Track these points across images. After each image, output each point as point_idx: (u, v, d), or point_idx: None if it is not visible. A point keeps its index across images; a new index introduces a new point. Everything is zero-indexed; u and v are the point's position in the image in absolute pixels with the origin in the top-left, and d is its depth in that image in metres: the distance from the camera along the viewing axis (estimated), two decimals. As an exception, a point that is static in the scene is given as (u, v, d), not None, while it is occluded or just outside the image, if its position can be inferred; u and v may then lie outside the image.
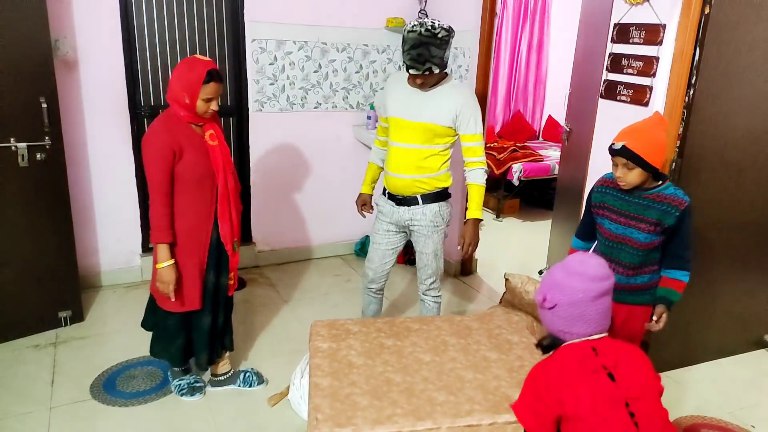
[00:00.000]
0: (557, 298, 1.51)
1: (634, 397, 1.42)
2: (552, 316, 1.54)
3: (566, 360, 1.50)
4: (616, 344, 1.55)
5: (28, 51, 2.86)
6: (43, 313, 3.20)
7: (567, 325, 1.52)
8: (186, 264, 2.42)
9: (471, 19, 3.80)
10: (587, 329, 1.51)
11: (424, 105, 2.56)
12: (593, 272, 1.51)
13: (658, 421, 1.44)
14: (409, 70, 2.46)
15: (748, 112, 2.80)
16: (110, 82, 3.54)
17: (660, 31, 2.59)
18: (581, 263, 1.54)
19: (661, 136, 2.04)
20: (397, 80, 2.71)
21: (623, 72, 2.79)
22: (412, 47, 2.40)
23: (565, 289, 1.51)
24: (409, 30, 2.44)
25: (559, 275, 1.55)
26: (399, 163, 2.62)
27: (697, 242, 2.88)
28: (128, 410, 2.62)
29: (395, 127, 2.63)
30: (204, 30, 3.78)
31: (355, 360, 2.21)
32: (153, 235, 2.34)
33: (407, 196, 2.65)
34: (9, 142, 2.89)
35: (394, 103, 2.64)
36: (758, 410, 2.81)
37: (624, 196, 2.14)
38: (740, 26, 2.61)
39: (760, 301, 3.26)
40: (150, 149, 2.28)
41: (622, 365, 1.46)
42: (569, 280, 1.51)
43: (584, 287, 1.49)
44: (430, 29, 2.41)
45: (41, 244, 3.09)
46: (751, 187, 2.94)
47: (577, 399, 1.42)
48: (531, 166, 5.57)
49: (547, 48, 6.67)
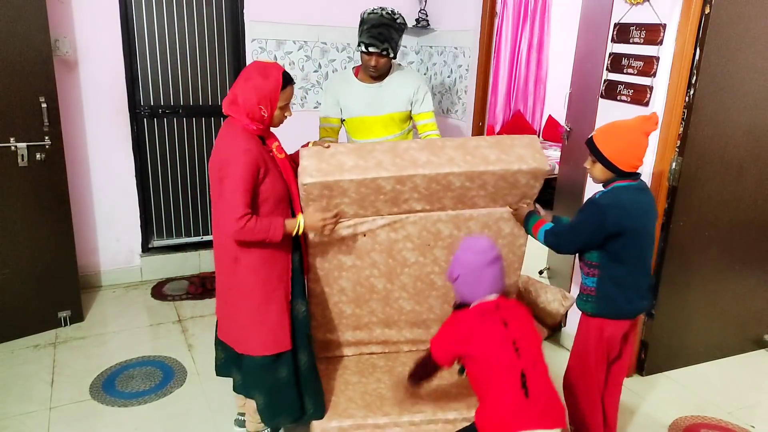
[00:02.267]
0: (458, 270, 1.93)
1: (518, 336, 1.83)
2: (458, 285, 1.94)
3: (474, 312, 1.91)
4: (512, 303, 1.97)
5: (28, 51, 2.86)
6: (43, 313, 3.20)
7: (470, 289, 1.91)
8: (271, 298, 2.10)
9: (471, 19, 3.80)
10: (485, 290, 1.90)
11: (382, 97, 2.64)
12: (479, 247, 1.93)
13: (535, 351, 1.86)
14: (368, 48, 2.51)
15: (748, 112, 2.80)
16: (110, 82, 3.54)
17: (660, 31, 2.59)
18: (471, 242, 1.97)
19: (632, 137, 1.95)
20: (341, 82, 2.73)
21: (623, 72, 2.78)
22: (373, 26, 2.49)
23: (462, 262, 1.93)
24: (369, 12, 2.55)
25: (458, 254, 1.97)
26: None
27: (697, 241, 2.89)
28: (127, 410, 2.62)
29: (359, 126, 2.68)
30: (204, 30, 3.78)
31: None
32: (272, 236, 1.99)
33: None
34: (9, 142, 2.89)
35: (351, 103, 2.67)
36: (758, 410, 2.80)
37: None
38: (740, 26, 2.61)
39: (760, 300, 3.25)
40: (239, 163, 1.93)
41: (513, 317, 1.88)
42: (464, 255, 1.94)
43: (475, 258, 1.90)
44: (390, 14, 2.55)
45: (41, 244, 3.09)
46: (751, 186, 2.94)
47: (477, 337, 1.85)
48: (531, 166, 5.56)
49: (547, 48, 6.67)
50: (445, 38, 4.12)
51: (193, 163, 3.94)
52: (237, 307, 2.11)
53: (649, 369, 3.00)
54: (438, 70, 4.24)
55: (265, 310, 2.09)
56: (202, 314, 3.50)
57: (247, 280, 2.07)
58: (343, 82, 2.73)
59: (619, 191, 2.00)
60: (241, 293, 2.09)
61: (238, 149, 1.96)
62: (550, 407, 1.81)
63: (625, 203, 1.98)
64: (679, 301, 2.95)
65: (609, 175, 2.01)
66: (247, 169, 1.94)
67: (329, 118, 2.79)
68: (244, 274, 2.07)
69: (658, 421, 2.68)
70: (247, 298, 2.09)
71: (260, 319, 2.10)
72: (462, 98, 4.00)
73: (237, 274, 2.08)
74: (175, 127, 3.85)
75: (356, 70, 2.75)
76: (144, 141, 3.78)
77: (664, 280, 2.86)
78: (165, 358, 3.02)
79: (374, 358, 2.61)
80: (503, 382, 1.80)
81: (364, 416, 2.22)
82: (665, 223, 2.80)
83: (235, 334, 2.15)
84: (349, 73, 2.72)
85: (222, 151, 2.00)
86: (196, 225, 4.07)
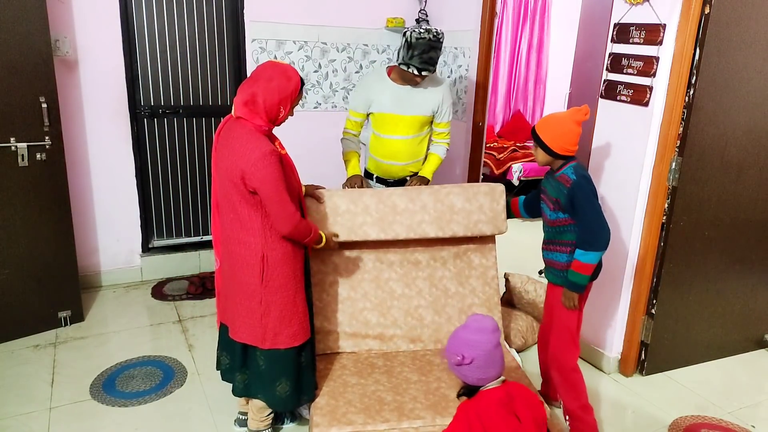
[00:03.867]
0: (474, 353, 1.83)
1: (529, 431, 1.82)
2: (471, 369, 1.84)
3: (491, 401, 1.83)
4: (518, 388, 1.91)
5: (28, 51, 2.86)
6: (43, 313, 3.20)
7: (484, 372, 1.84)
8: (299, 289, 2.21)
9: (471, 19, 3.80)
10: (497, 372, 1.86)
11: (413, 100, 2.88)
12: (490, 326, 1.86)
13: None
14: (421, 72, 2.73)
15: (748, 112, 2.80)
16: (110, 82, 3.54)
17: (660, 31, 2.59)
18: (479, 322, 1.88)
19: (567, 125, 2.24)
20: (377, 80, 2.95)
21: (623, 72, 2.79)
22: (423, 51, 2.69)
23: (477, 344, 1.84)
24: (417, 37, 2.69)
25: (467, 336, 1.86)
26: (395, 152, 2.96)
27: (697, 241, 2.89)
28: (128, 410, 2.62)
29: (385, 122, 2.92)
30: (204, 30, 3.78)
31: None
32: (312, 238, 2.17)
33: (398, 179, 3.05)
34: (9, 142, 2.89)
35: (383, 100, 2.90)
36: (758, 410, 2.80)
37: (548, 178, 2.38)
38: (740, 26, 2.62)
39: (760, 300, 3.25)
40: (271, 166, 1.98)
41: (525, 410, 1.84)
42: (477, 336, 1.85)
43: (488, 338, 1.84)
44: (435, 35, 2.72)
45: (41, 243, 3.09)
46: (751, 185, 2.94)
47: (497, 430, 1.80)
48: (531, 166, 5.57)
49: (547, 48, 6.67)
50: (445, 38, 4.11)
51: (193, 163, 3.94)
52: (268, 303, 2.15)
53: (649, 369, 3.00)
54: (438, 69, 4.24)
55: (298, 301, 2.20)
56: (202, 314, 3.50)
57: (278, 275, 2.14)
58: (378, 81, 2.94)
59: (579, 167, 2.27)
60: (274, 288, 2.15)
61: (266, 151, 1.99)
62: None
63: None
64: (679, 301, 2.95)
65: (549, 159, 2.29)
66: (280, 169, 2.02)
67: (357, 112, 3.00)
68: (276, 270, 2.13)
69: (658, 421, 2.68)
70: (280, 292, 2.15)
71: (293, 310, 2.19)
72: (462, 98, 4.00)
73: (268, 272, 2.13)
74: (175, 127, 3.85)
75: (389, 71, 2.94)
76: (144, 141, 3.78)
77: (664, 280, 2.86)
78: (165, 358, 3.03)
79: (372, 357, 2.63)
80: None
81: (363, 423, 2.21)
82: (665, 223, 2.80)
83: (260, 331, 2.18)
84: (383, 73, 2.94)
85: (247, 155, 1.99)
86: (196, 225, 4.07)
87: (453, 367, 1.88)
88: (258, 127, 2.05)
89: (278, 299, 2.15)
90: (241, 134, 2.04)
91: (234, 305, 2.22)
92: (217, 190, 2.21)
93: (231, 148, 2.05)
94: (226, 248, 2.20)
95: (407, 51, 2.71)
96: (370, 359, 2.62)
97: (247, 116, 2.05)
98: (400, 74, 2.84)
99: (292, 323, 2.18)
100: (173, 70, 3.75)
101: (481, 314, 1.96)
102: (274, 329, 2.17)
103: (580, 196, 2.21)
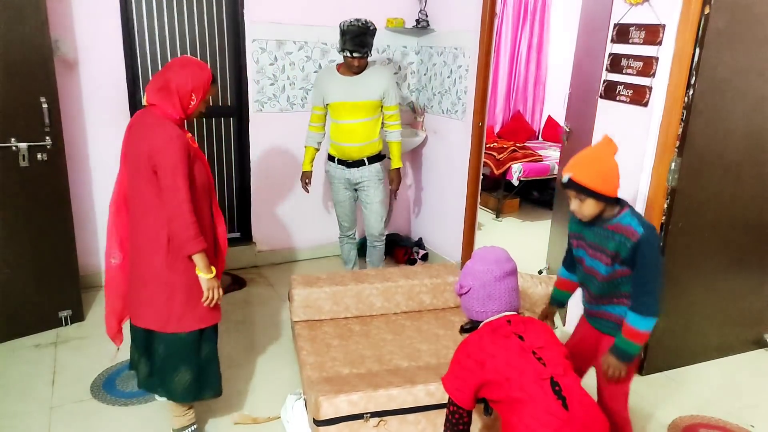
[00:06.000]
0: (470, 282, 1.77)
1: (538, 346, 1.68)
2: (469, 299, 1.78)
3: (483, 331, 1.75)
4: (527, 318, 1.80)
5: (28, 51, 2.86)
6: (44, 313, 3.20)
7: (482, 305, 1.76)
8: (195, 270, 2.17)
9: (471, 19, 3.81)
10: (499, 306, 1.75)
11: (358, 87, 3.30)
12: (494, 257, 1.77)
13: (562, 360, 1.69)
14: (353, 54, 3.16)
15: (747, 112, 2.80)
16: (110, 82, 3.55)
17: (660, 32, 2.59)
18: (485, 252, 1.81)
19: (609, 162, 1.88)
20: (328, 76, 3.37)
21: (623, 72, 2.79)
22: (354, 36, 3.12)
23: (475, 273, 1.77)
24: (348, 25, 3.14)
25: (469, 265, 1.81)
26: (351, 135, 3.34)
27: (696, 242, 2.89)
28: (128, 410, 2.62)
29: (339, 110, 3.32)
30: (204, 30, 3.78)
31: None
32: (191, 246, 2.05)
33: (356, 160, 3.40)
34: (10, 142, 2.89)
35: (334, 91, 3.31)
36: (758, 410, 2.81)
37: (592, 227, 1.96)
38: (740, 26, 2.62)
39: (759, 300, 3.26)
40: (173, 153, 2.00)
41: (530, 330, 1.72)
42: (477, 266, 1.78)
43: (489, 269, 1.75)
44: (365, 23, 3.15)
45: (42, 243, 3.10)
46: (750, 185, 2.94)
47: (493, 357, 1.67)
48: (530, 166, 5.57)
49: (547, 48, 6.68)
50: (445, 38, 4.13)
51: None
52: (171, 285, 2.13)
53: (648, 369, 3.01)
54: (438, 70, 4.25)
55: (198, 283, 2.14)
56: (202, 314, 3.50)
57: (182, 256, 2.10)
58: (328, 76, 3.37)
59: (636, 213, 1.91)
60: (179, 271, 2.12)
61: (172, 135, 2.02)
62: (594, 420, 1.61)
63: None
64: (678, 301, 2.96)
65: (603, 207, 1.89)
66: (184, 155, 2.02)
67: (316, 107, 3.45)
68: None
69: (658, 420, 2.68)
70: (185, 274, 2.12)
71: (199, 292, 2.14)
72: (462, 98, 4.01)
73: (172, 253, 2.10)
74: (176, 127, 3.85)
75: (338, 67, 3.37)
76: (144, 141, 3.78)
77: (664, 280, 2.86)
78: (165, 357, 3.03)
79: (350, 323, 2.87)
80: (535, 399, 1.59)
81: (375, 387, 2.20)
82: (664, 223, 2.80)
83: (164, 313, 2.15)
84: (333, 69, 3.38)
85: (154, 138, 2.02)
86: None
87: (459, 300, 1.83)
88: (168, 115, 2.08)
89: (183, 281, 2.12)
90: (151, 122, 2.07)
91: (137, 293, 2.20)
92: (124, 183, 2.19)
93: (139, 135, 2.08)
94: (135, 240, 2.18)
95: (342, 38, 3.16)
96: (348, 325, 2.82)
97: (159, 102, 2.08)
98: (345, 64, 3.28)
99: (197, 306, 2.16)
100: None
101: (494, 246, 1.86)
102: (179, 312, 2.14)
103: (649, 254, 1.84)
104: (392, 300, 2.92)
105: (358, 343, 2.65)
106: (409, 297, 2.94)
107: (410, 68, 4.49)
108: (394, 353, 2.57)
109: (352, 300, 2.87)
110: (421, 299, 2.96)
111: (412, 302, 2.95)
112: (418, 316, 2.93)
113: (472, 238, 4.15)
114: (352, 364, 2.47)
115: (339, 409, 2.12)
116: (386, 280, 2.95)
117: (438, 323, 2.85)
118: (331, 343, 2.64)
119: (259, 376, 2.91)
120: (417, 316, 2.92)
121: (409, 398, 2.17)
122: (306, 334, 2.71)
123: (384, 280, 2.95)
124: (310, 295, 2.81)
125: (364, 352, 2.57)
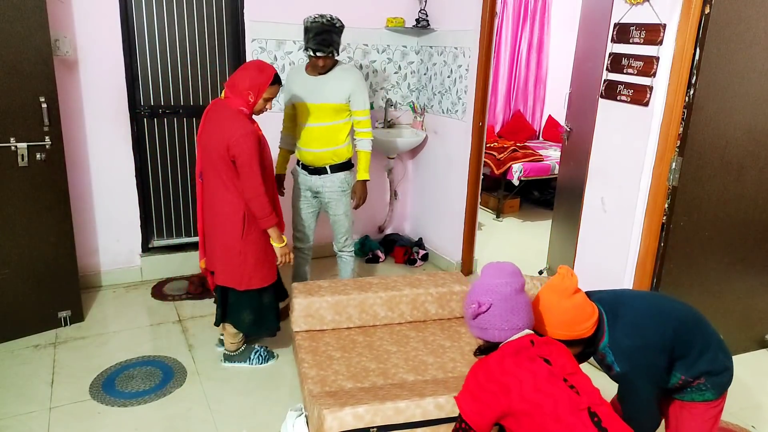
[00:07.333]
0: (489, 298, 1.64)
1: (569, 372, 1.56)
2: (490, 317, 1.64)
3: (505, 352, 1.60)
4: (548, 339, 1.69)
5: (28, 51, 2.86)
6: (43, 313, 3.20)
7: (506, 321, 1.63)
8: (263, 241, 2.70)
9: (471, 19, 3.80)
10: (522, 321, 1.64)
11: (322, 89, 3.02)
12: (509, 270, 1.69)
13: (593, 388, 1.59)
14: (316, 53, 2.89)
15: (748, 111, 2.80)
16: (110, 82, 3.54)
17: (660, 31, 2.59)
18: (494, 267, 1.71)
19: (565, 306, 1.74)
20: (294, 74, 3.15)
21: (623, 72, 2.78)
22: (317, 34, 2.87)
23: (492, 288, 1.66)
24: (311, 21, 2.89)
25: (484, 281, 1.69)
26: (310, 139, 3.08)
27: (697, 241, 2.88)
28: (127, 410, 2.62)
29: (302, 111, 3.08)
30: (204, 30, 3.78)
31: None
32: (267, 221, 2.60)
33: (318, 167, 3.13)
34: (9, 142, 2.89)
35: (297, 91, 3.09)
36: (759, 410, 2.80)
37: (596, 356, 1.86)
38: (740, 26, 2.61)
39: (761, 300, 3.25)
40: (250, 146, 2.47)
41: (555, 353, 1.60)
42: (493, 280, 1.67)
43: (506, 281, 1.65)
44: (329, 20, 2.91)
45: (41, 243, 3.09)
46: (752, 185, 2.94)
47: (520, 382, 1.52)
48: (531, 166, 5.57)
49: (547, 48, 6.67)
50: (445, 38, 4.12)
51: (193, 163, 3.94)
52: (244, 253, 2.67)
53: (649, 369, 3.00)
54: (438, 70, 4.24)
55: (269, 251, 2.72)
56: (202, 314, 3.50)
57: (254, 229, 2.65)
58: (295, 75, 3.14)
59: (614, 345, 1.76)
60: (251, 241, 2.66)
61: (247, 130, 2.48)
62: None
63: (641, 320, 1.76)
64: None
65: (581, 348, 1.80)
66: (257, 146, 2.49)
67: (286, 106, 3.22)
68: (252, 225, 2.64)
69: (658, 421, 2.67)
70: (256, 244, 2.68)
71: (264, 258, 2.72)
72: (462, 98, 4.00)
73: (247, 227, 2.64)
74: (176, 127, 3.85)
75: (306, 66, 3.12)
76: (144, 141, 3.78)
77: (665, 280, 2.86)
78: (165, 358, 3.03)
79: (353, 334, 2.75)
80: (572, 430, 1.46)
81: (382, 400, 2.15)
82: (665, 223, 2.80)
83: (238, 275, 2.70)
84: (301, 68, 3.13)
85: (232, 132, 2.47)
86: (196, 225, 4.06)
87: (471, 323, 1.65)
88: (239, 110, 2.52)
89: (253, 250, 2.68)
90: (227, 115, 2.53)
91: (216, 258, 2.74)
92: (201, 160, 2.68)
93: (219, 126, 2.52)
94: (210, 210, 2.69)
95: (305, 35, 2.92)
96: (351, 336, 2.72)
97: (230, 96, 2.53)
98: (310, 63, 3.05)
99: (263, 268, 2.73)
100: (173, 70, 3.75)
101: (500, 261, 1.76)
102: (249, 273, 2.70)
103: (628, 394, 1.81)
104: (396, 309, 2.81)
105: (361, 355, 2.55)
106: (414, 306, 2.83)
107: (410, 68, 4.48)
108: (399, 366, 2.48)
109: (355, 310, 2.76)
110: (426, 309, 2.85)
111: (417, 312, 2.84)
112: (423, 326, 2.82)
113: (472, 238, 4.15)
114: (355, 377, 2.38)
115: (344, 423, 2.01)
116: (390, 289, 2.82)
117: (444, 334, 2.74)
118: (334, 356, 2.55)
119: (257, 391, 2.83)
120: (422, 327, 2.81)
121: (418, 411, 2.06)
122: (307, 345, 2.62)
123: (388, 289, 2.83)
124: (311, 305, 2.70)
125: (368, 365, 2.48)
